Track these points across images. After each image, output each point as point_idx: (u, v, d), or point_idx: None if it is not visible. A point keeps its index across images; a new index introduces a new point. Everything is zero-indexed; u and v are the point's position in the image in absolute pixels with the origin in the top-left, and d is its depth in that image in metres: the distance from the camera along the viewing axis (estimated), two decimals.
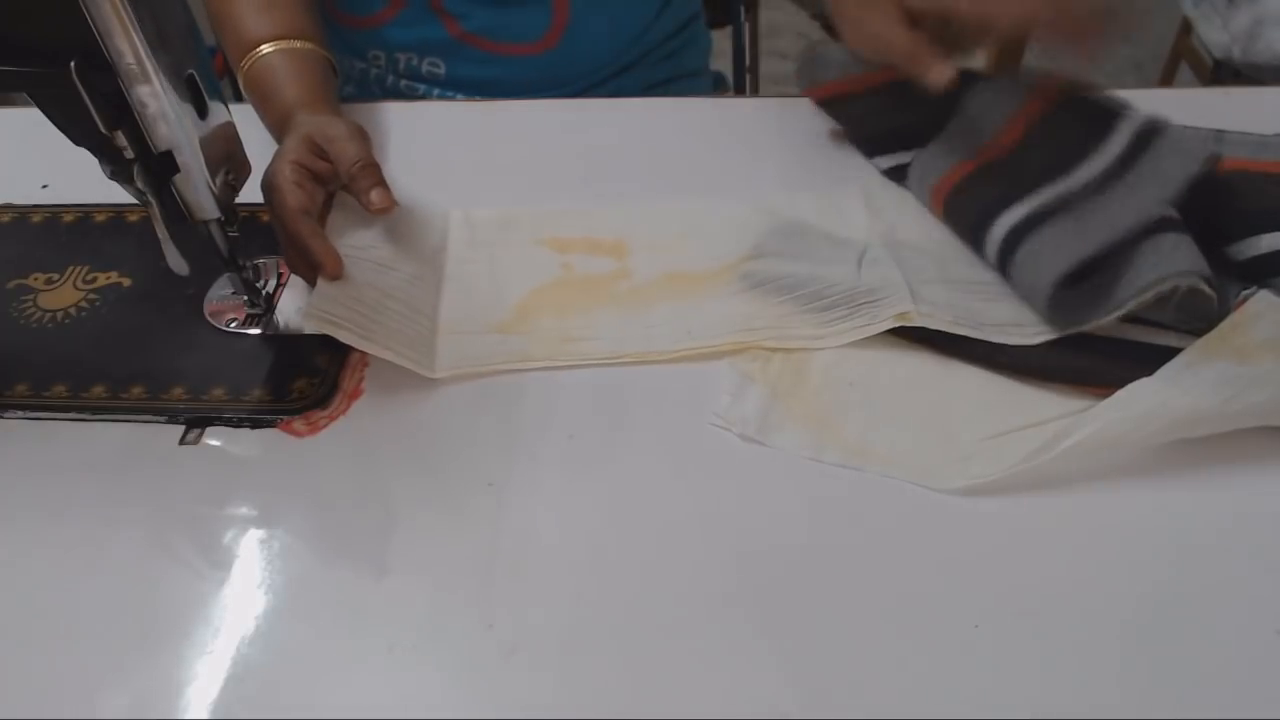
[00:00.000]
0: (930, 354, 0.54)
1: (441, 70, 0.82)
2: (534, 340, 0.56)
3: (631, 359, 0.55)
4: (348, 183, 0.58)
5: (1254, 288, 0.51)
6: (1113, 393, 0.48)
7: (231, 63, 0.69)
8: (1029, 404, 0.51)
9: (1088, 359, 0.52)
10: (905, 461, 0.49)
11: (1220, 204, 0.55)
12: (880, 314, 0.55)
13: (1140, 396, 0.47)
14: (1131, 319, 0.52)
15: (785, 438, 0.50)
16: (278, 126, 0.64)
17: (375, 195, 0.57)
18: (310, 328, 0.52)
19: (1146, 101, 0.57)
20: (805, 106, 0.73)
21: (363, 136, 0.60)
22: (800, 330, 0.56)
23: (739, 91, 1.26)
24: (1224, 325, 0.48)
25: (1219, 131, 0.60)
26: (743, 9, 1.25)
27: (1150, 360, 0.49)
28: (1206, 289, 0.50)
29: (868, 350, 0.54)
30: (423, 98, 0.83)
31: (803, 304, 0.57)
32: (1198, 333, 0.50)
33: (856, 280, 0.58)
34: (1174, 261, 0.50)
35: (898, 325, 0.54)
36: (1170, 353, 0.49)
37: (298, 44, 0.67)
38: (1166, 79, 1.75)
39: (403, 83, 0.84)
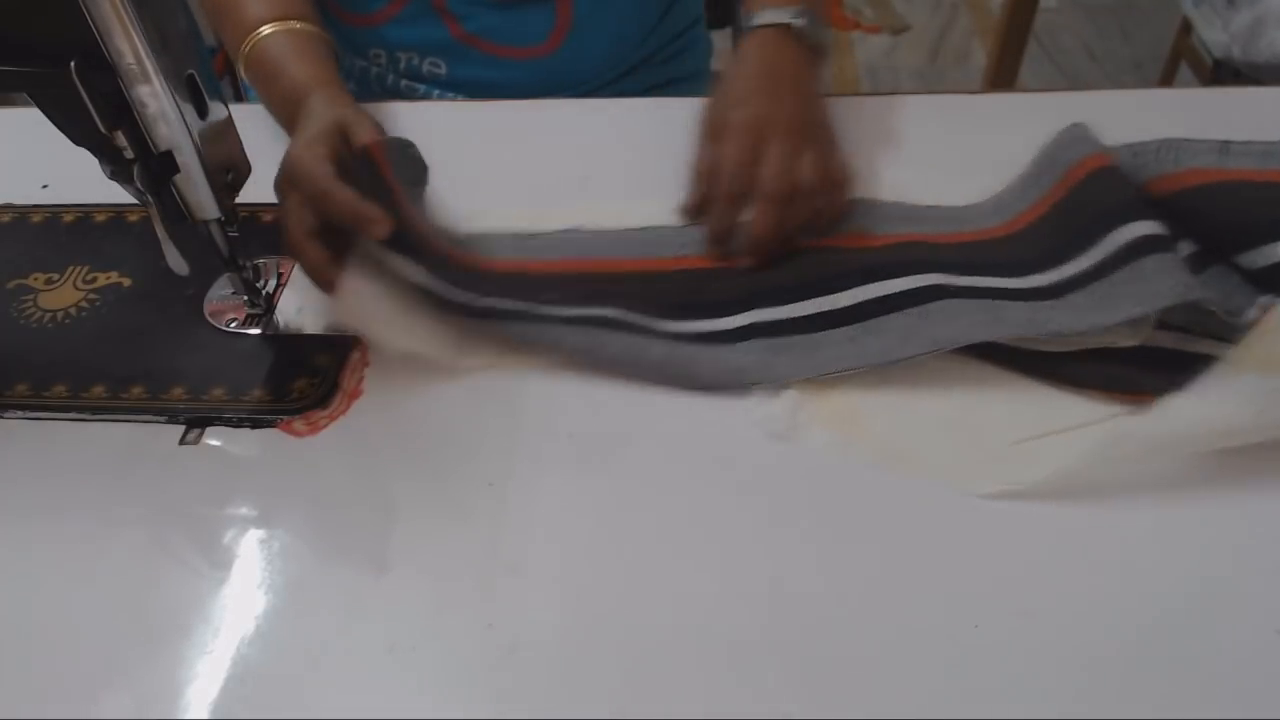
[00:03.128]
0: (958, 356, 0.54)
1: (442, 70, 0.82)
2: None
3: None
4: None
5: (1275, 297, 0.51)
6: (1142, 399, 0.48)
7: (231, 50, 0.69)
8: (1059, 409, 0.51)
9: (1118, 366, 0.51)
10: (934, 463, 0.49)
11: (1230, 212, 0.55)
12: None
13: (1176, 413, 0.46)
14: (1161, 325, 0.52)
15: (814, 437, 0.50)
16: (286, 104, 0.63)
17: None
18: (335, 319, 0.51)
19: (1147, 101, 0.57)
20: None
21: (383, 133, 0.60)
22: None
23: None
24: (1250, 337, 0.47)
25: (1224, 142, 0.59)
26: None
27: (1181, 367, 0.48)
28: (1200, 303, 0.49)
29: None
30: (423, 98, 0.83)
31: None
32: (1224, 336, 0.49)
33: None
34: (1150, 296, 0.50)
35: None
36: (1200, 359, 0.48)
37: (298, 25, 0.67)
38: (1166, 79, 1.75)
39: (403, 82, 0.83)
